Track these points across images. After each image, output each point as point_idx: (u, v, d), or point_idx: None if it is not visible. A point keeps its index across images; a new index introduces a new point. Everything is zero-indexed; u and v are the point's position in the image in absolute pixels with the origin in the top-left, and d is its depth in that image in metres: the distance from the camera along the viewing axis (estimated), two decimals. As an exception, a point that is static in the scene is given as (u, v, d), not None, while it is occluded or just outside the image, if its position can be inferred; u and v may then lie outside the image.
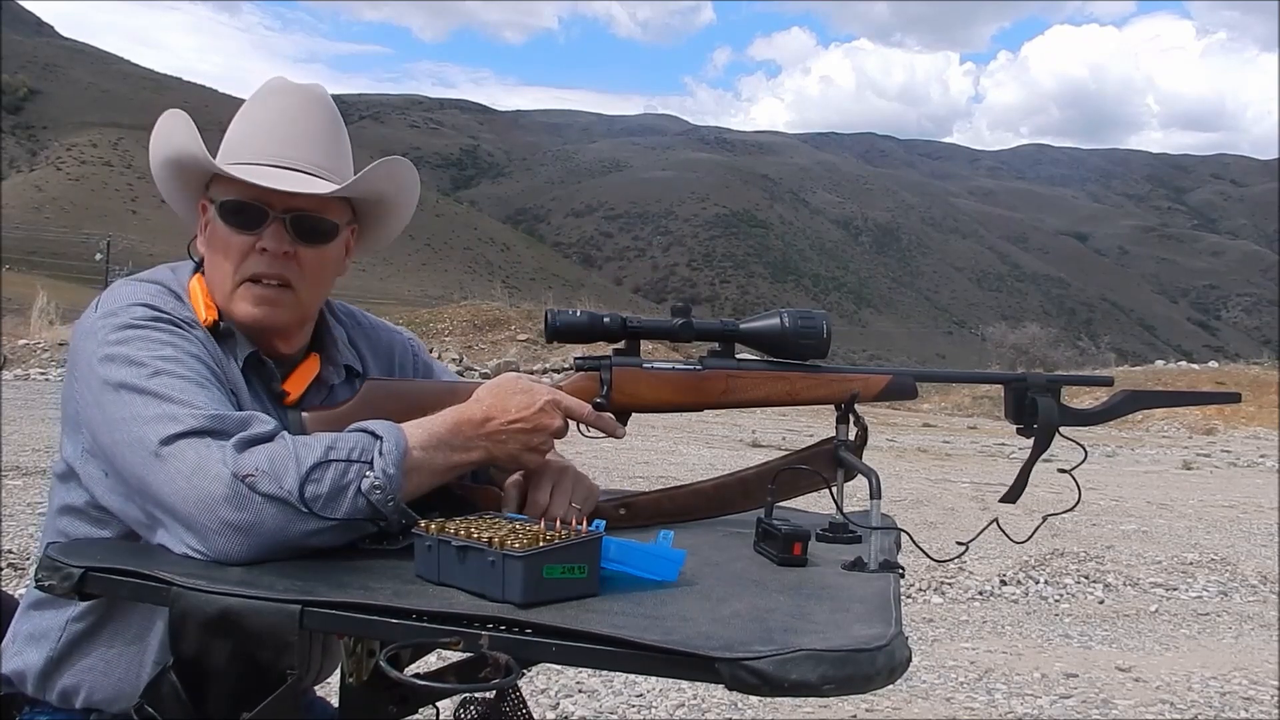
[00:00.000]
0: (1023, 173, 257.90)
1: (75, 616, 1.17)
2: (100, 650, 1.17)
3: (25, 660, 1.19)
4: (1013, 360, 23.79)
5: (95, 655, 1.17)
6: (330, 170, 1.26)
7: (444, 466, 1.12)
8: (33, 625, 1.20)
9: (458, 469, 1.14)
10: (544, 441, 1.18)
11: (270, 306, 1.21)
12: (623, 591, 0.95)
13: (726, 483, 1.31)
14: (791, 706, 3.33)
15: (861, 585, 1.02)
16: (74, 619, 1.17)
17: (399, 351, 1.44)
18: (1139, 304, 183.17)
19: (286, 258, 1.20)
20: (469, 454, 1.14)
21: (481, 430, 1.14)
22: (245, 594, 0.87)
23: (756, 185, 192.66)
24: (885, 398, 1.28)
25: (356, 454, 1.03)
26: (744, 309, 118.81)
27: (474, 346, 20.11)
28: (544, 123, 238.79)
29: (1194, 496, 9.13)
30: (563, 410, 1.19)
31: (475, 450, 1.14)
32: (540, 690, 3.38)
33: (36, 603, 1.21)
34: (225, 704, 0.91)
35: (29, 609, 1.22)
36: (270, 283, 1.20)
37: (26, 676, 1.19)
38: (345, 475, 1.02)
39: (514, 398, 1.17)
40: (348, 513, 1.01)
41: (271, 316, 1.22)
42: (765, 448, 10.55)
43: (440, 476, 1.12)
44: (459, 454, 1.13)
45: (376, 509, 1.02)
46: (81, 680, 1.17)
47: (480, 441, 1.14)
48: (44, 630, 1.19)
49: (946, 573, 5.29)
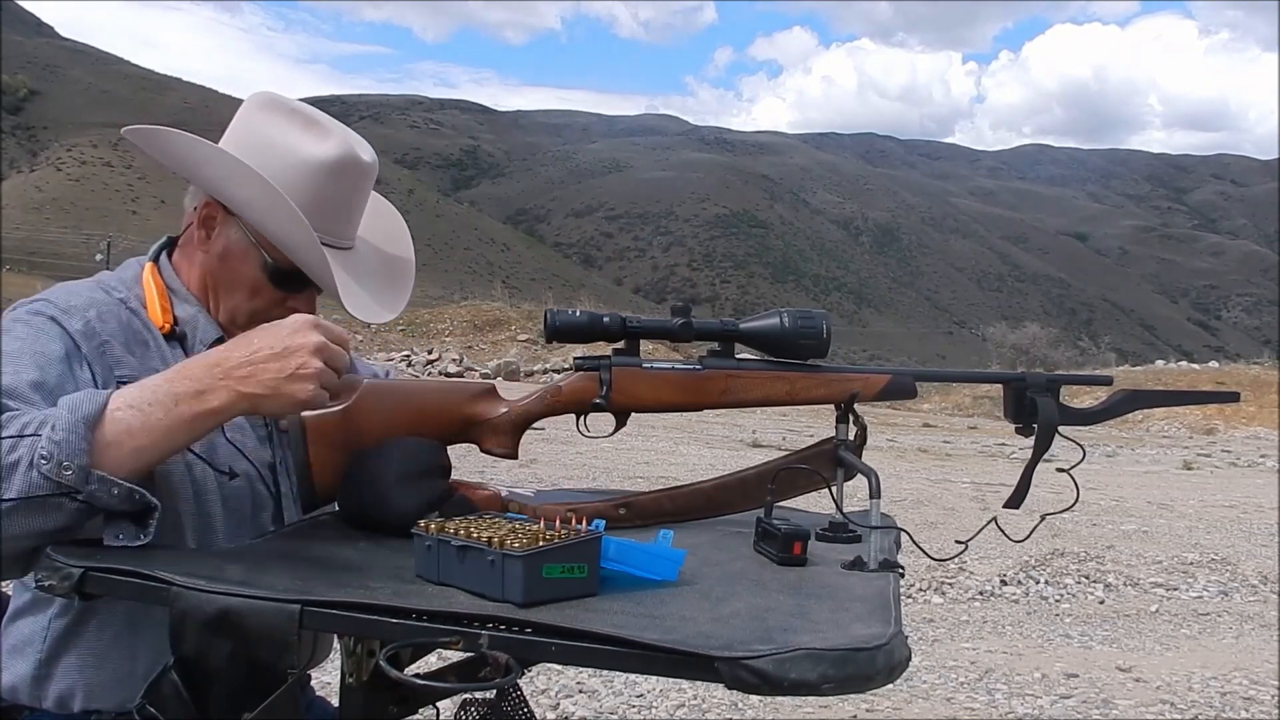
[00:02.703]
0: (1023, 173, 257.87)
1: (58, 613, 1.17)
2: (89, 643, 1.17)
3: (15, 671, 1.18)
4: (1013, 360, 23.78)
5: (85, 650, 1.17)
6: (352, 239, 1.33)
7: (175, 420, 1.00)
8: (16, 635, 1.19)
9: (197, 421, 1.01)
10: (304, 364, 1.03)
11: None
12: (622, 591, 0.95)
13: (726, 483, 1.31)
14: (792, 706, 3.33)
15: (861, 585, 1.02)
16: (57, 615, 1.17)
17: None
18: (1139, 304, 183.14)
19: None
20: (206, 400, 1.01)
21: (216, 369, 1.02)
22: (245, 594, 0.87)
23: (757, 185, 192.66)
24: (885, 397, 1.28)
25: (32, 428, 0.95)
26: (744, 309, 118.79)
27: (474, 347, 20.11)
28: (544, 123, 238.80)
29: (1194, 496, 9.13)
30: (321, 329, 1.06)
31: (215, 393, 1.01)
32: (540, 690, 3.38)
33: (15, 612, 1.20)
34: (226, 704, 0.92)
35: (9, 622, 1.21)
36: None
37: (19, 688, 1.18)
38: (15, 450, 0.94)
39: (254, 334, 1.07)
40: (20, 490, 0.93)
41: None
42: (765, 448, 10.55)
43: (177, 432, 1.01)
44: (191, 403, 1.00)
45: (52, 481, 0.93)
46: (75, 681, 1.17)
47: (219, 382, 1.01)
48: (28, 637, 1.18)
49: (947, 573, 5.29)
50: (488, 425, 1.25)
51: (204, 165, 1.24)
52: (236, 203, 1.24)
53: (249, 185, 1.21)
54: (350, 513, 1.16)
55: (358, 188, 1.30)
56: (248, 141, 1.26)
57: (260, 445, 1.29)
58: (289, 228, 1.21)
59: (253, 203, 1.22)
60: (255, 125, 1.28)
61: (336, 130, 1.27)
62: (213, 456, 1.21)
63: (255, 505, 1.25)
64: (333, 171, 1.26)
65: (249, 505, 1.24)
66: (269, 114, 1.28)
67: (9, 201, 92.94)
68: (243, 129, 1.28)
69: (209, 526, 1.19)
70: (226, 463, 1.23)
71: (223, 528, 1.20)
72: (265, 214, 1.22)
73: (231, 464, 1.23)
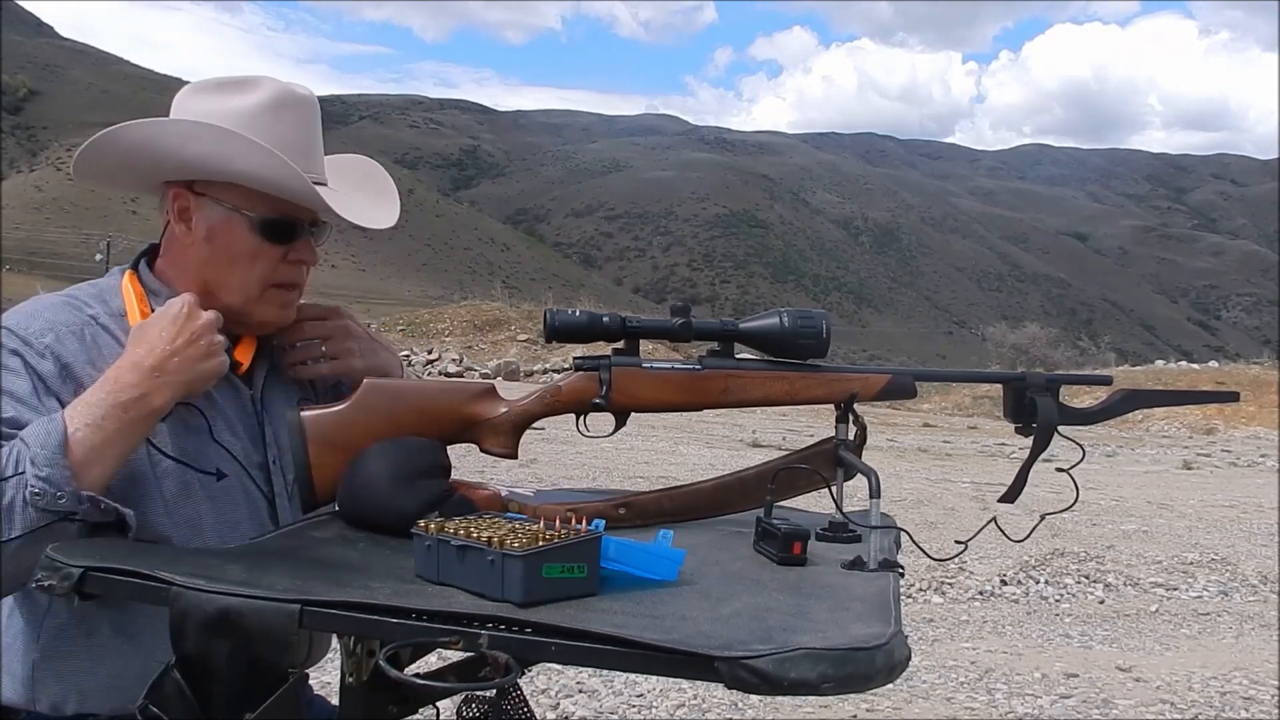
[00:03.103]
0: (1023, 173, 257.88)
1: (51, 617, 1.17)
2: (82, 648, 1.17)
3: (10, 673, 1.18)
4: (1013, 360, 23.77)
5: (78, 654, 1.17)
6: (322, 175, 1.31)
7: (127, 426, 1.09)
8: (10, 638, 1.19)
9: (146, 421, 1.11)
10: (212, 341, 1.15)
11: (290, 309, 1.30)
12: (622, 591, 0.95)
13: (726, 483, 1.31)
14: (792, 706, 3.33)
15: (861, 584, 1.02)
16: (50, 614, 1.17)
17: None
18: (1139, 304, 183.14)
19: (306, 264, 1.29)
20: (151, 401, 1.10)
21: (151, 371, 1.11)
22: (244, 593, 0.87)
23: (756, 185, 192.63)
24: (884, 397, 1.28)
25: (10, 469, 1.02)
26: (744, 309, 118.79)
27: (474, 346, 20.12)
28: (544, 123, 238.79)
29: (1194, 496, 9.13)
30: (198, 304, 1.17)
31: (158, 393, 1.11)
32: (540, 690, 3.38)
33: (10, 614, 1.20)
34: (228, 703, 0.92)
35: (4, 626, 1.21)
36: (292, 288, 1.28)
37: (13, 691, 1.18)
38: (4, 494, 1.01)
39: (153, 329, 1.14)
40: (25, 526, 1.01)
41: (290, 318, 1.31)
42: (765, 448, 10.55)
43: (132, 437, 1.10)
44: (139, 407, 1.09)
45: (52, 512, 1.02)
46: (69, 686, 1.16)
47: (157, 380, 1.11)
48: (24, 639, 1.18)
49: (947, 573, 5.29)
50: (487, 425, 1.25)
51: (156, 142, 1.22)
52: (197, 161, 1.21)
53: (204, 137, 1.20)
54: (350, 512, 1.16)
55: (305, 120, 1.28)
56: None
57: (251, 445, 1.28)
58: (254, 159, 1.20)
59: (212, 155, 1.20)
60: (189, 106, 1.27)
61: (265, 79, 1.28)
62: (198, 459, 1.21)
63: (247, 505, 1.25)
64: (272, 109, 1.25)
65: (241, 505, 1.24)
66: (196, 94, 1.27)
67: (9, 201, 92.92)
68: (180, 115, 1.27)
69: (195, 529, 1.19)
70: (213, 464, 1.23)
71: (211, 529, 1.20)
72: (228, 159, 1.20)
73: (219, 465, 1.23)
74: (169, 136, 1.22)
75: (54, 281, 26.78)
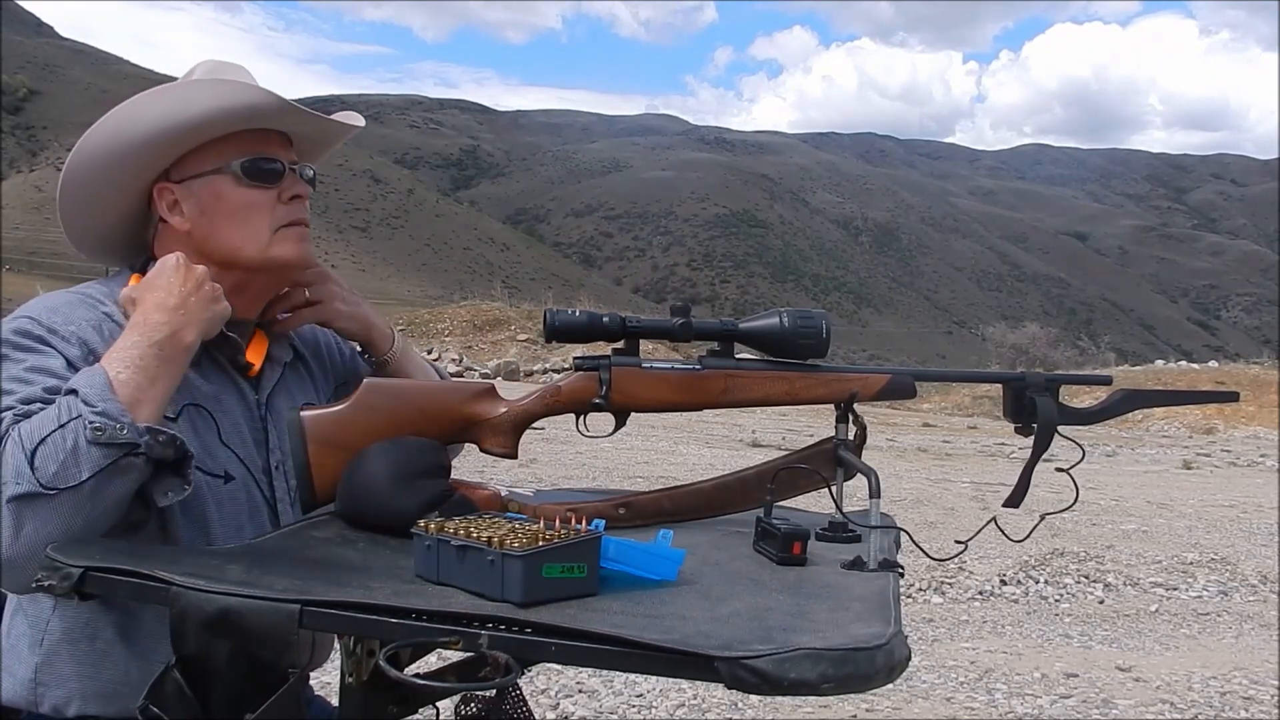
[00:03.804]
0: (1023, 173, 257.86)
1: (55, 618, 1.17)
2: (85, 650, 1.16)
3: (13, 674, 1.18)
4: (1013, 360, 23.76)
5: (81, 657, 1.16)
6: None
7: (165, 364, 1.10)
8: (13, 639, 1.19)
9: (181, 357, 1.13)
10: (213, 286, 1.18)
11: (306, 242, 1.31)
12: (622, 591, 0.95)
13: (726, 483, 1.31)
14: (791, 706, 3.34)
15: (861, 584, 1.02)
16: (54, 617, 1.17)
17: (321, 335, 1.47)
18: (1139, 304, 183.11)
19: (304, 200, 1.30)
20: (183, 338, 1.13)
21: (170, 310, 1.13)
22: (244, 593, 0.87)
23: (756, 185, 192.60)
24: (884, 397, 1.28)
25: (65, 416, 1.02)
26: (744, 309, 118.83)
27: (474, 346, 20.12)
28: (544, 123, 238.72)
29: (1194, 496, 9.13)
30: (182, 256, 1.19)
31: (186, 329, 1.13)
32: (540, 690, 3.38)
33: (12, 615, 1.20)
34: (228, 703, 0.92)
35: (6, 626, 1.21)
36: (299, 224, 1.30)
37: (16, 692, 1.18)
38: (66, 441, 1.00)
39: (160, 279, 1.16)
40: (92, 468, 1.00)
41: (309, 252, 1.32)
42: (765, 448, 10.55)
43: (171, 374, 1.11)
44: (173, 345, 1.11)
45: (116, 445, 1.01)
46: (71, 688, 1.16)
47: (183, 318, 1.13)
48: (27, 641, 1.18)
49: (946, 572, 5.29)
50: (487, 425, 1.25)
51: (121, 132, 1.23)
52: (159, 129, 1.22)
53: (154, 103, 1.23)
54: (350, 512, 1.16)
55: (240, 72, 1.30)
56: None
57: (255, 449, 1.28)
58: (210, 92, 1.22)
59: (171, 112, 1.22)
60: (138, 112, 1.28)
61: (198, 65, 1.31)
62: (207, 461, 1.21)
63: (251, 509, 1.25)
64: (205, 70, 1.29)
65: (244, 509, 1.24)
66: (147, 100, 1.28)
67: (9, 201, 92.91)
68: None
69: (203, 531, 1.19)
70: (221, 466, 1.22)
71: (217, 532, 1.20)
72: (186, 102, 1.22)
73: (226, 467, 1.23)
74: (123, 120, 1.23)
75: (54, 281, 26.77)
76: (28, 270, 42.96)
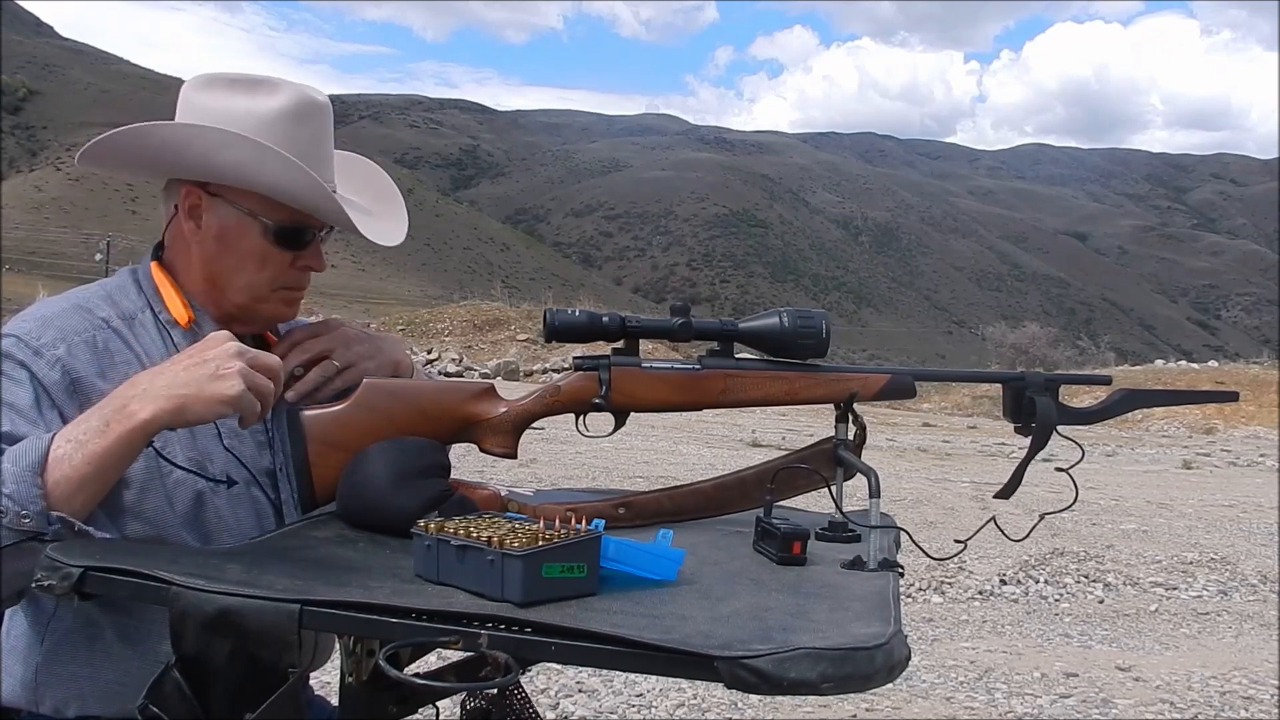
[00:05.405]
0: (1023, 172, 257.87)
1: (55, 619, 1.17)
2: (84, 651, 1.16)
3: (13, 675, 1.18)
4: (1013, 360, 23.76)
5: (80, 658, 1.16)
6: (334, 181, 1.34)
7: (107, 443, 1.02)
8: (13, 640, 1.19)
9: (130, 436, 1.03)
10: (224, 364, 1.05)
11: (295, 305, 1.34)
12: (622, 590, 0.95)
13: (726, 482, 1.31)
14: (791, 706, 3.34)
15: (861, 584, 1.02)
16: (55, 618, 1.17)
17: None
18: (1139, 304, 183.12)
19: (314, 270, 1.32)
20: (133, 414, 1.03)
21: (137, 386, 1.05)
22: (244, 593, 0.87)
23: (756, 185, 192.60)
24: (884, 397, 1.28)
25: None
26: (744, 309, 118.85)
27: (474, 346, 20.12)
28: (544, 122, 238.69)
29: (1194, 496, 9.13)
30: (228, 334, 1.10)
31: (141, 406, 1.03)
32: (540, 690, 3.38)
33: (13, 616, 1.20)
34: (228, 703, 0.91)
35: (7, 627, 1.20)
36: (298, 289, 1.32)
37: (16, 693, 1.18)
38: None
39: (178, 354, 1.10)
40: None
41: (295, 313, 1.36)
42: (765, 448, 10.55)
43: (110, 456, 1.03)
44: (120, 421, 1.03)
45: (18, 531, 0.98)
46: (70, 689, 1.16)
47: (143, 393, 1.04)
48: (28, 642, 1.18)
49: (946, 572, 5.29)
50: (487, 425, 1.25)
51: (187, 146, 1.21)
52: (225, 170, 1.21)
53: (235, 148, 1.20)
54: (350, 512, 1.16)
55: (323, 129, 1.29)
56: (204, 120, 1.24)
57: (259, 452, 1.28)
58: (287, 175, 1.20)
59: (243, 164, 1.20)
60: (203, 104, 1.25)
61: (282, 82, 1.27)
62: (208, 465, 1.21)
63: (255, 512, 1.25)
64: (295, 117, 1.25)
65: (248, 513, 1.24)
66: (212, 90, 1.26)
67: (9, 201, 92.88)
68: (192, 112, 1.26)
69: (205, 537, 1.19)
70: (223, 471, 1.22)
71: (222, 537, 1.20)
72: (258, 171, 1.20)
73: (228, 472, 1.23)
74: (200, 141, 1.21)
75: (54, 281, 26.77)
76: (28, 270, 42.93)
